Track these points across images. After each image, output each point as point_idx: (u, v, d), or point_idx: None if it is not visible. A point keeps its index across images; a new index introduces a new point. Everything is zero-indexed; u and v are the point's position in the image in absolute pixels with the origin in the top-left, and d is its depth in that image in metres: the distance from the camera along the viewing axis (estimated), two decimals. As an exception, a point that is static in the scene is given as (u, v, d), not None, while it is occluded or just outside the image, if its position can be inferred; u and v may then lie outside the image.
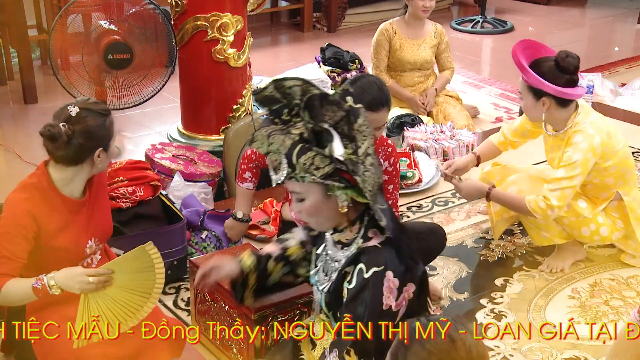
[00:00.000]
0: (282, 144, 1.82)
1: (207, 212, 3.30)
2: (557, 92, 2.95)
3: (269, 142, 1.83)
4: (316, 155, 1.81)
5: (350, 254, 1.96)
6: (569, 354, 2.73)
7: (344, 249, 2.00)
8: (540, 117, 3.06)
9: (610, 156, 3.07)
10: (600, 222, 3.15)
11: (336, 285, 1.98)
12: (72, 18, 3.19)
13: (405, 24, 4.62)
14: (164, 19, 3.37)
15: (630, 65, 6.11)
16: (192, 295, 2.77)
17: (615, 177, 3.12)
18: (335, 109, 1.81)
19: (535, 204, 2.99)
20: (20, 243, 2.17)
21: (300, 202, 1.92)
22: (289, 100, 1.85)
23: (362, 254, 1.93)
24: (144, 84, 3.37)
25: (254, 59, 4.45)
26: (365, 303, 1.88)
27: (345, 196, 1.88)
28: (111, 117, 2.27)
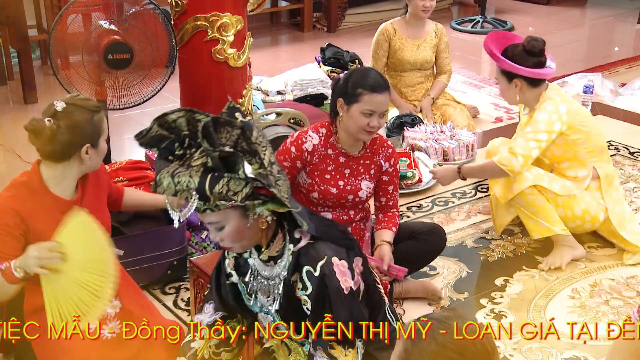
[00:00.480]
0: (189, 180, 1.73)
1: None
2: (526, 72, 3.20)
3: (175, 182, 1.74)
4: (230, 181, 1.75)
5: (288, 262, 1.93)
6: (569, 354, 2.73)
7: (277, 263, 1.95)
8: (515, 98, 3.30)
9: (577, 129, 3.23)
10: (587, 200, 3.30)
11: (287, 299, 1.95)
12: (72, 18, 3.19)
13: (405, 24, 4.62)
14: (164, 19, 3.37)
15: (630, 65, 6.11)
16: (192, 295, 2.77)
17: (588, 151, 3.28)
18: (230, 129, 1.74)
19: (502, 157, 3.17)
20: (6, 241, 2.18)
21: (220, 231, 1.85)
22: (177, 133, 1.78)
23: (300, 257, 1.91)
24: (144, 84, 3.36)
25: (254, 59, 4.45)
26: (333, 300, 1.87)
27: (267, 211, 1.83)
28: (101, 114, 2.26)
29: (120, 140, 4.51)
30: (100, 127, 2.27)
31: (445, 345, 1.43)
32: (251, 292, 2.03)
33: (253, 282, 2.01)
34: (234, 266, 2.06)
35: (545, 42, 3.24)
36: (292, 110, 4.00)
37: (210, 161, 1.75)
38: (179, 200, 1.79)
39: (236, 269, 2.06)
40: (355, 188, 2.82)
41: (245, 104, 3.99)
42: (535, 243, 3.44)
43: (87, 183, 2.35)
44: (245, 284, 2.04)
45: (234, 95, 3.93)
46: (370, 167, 2.84)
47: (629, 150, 4.46)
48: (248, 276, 2.02)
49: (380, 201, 2.92)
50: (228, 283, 2.08)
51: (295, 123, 3.91)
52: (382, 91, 2.69)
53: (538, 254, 3.37)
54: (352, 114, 2.70)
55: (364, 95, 2.68)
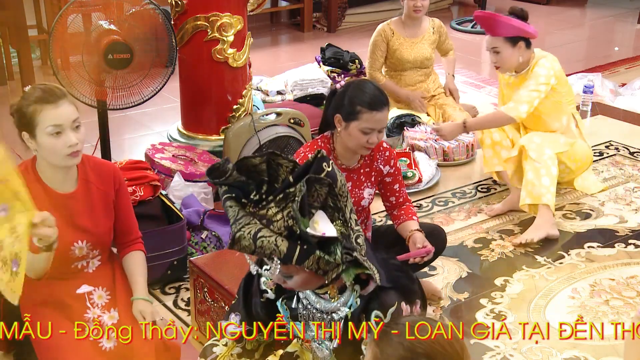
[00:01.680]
0: (274, 248, 1.63)
1: (207, 212, 3.30)
2: (532, 30, 3.56)
3: (257, 245, 1.63)
4: (320, 260, 1.66)
5: (352, 302, 1.85)
6: (569, 354, 2.73)
7: (333, 298, 1.87)
8: (518, 61, 3.61)
9: (564, 83, 3.72)
10: (580, 143, 3.76)
11: (346, 338, 1.87)
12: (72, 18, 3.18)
13: (402, 24, 4.62)
14: (164, 19, 3.36)
15: (630, 65, 6.11)
16: (192, 295, 2.77)
17: (567, 101, 3.74)
18: (319, 187, 1.65)
19: (508, 106, 3.58)
20: None
21: (288, 278, 1.76)
22: (255, 178, 1.68)
23: (370, 301, 1.83)
24: (144, 84, 3.36)
25: (254, 59, 4.45)
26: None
27: (349, 276, 1.75)
28: (37, 106, 2.15)
29: (120, 140, 4.51)
30: (33, 119, 2.17)
31: (413, 349, 1.43)
32: (299, 318, 1.94)
33: (302, 311, 1.93)
34: (273, 284, 1.96)
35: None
36: (292, 110, 4.00)
37: (298, 228, 1.63)
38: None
39: (277, 288, 1.96)
40: (359, 198, 2.81)
41: (245, 104, 3.99)
42: (535, 243, 3.45)
43: (89, 183, 2.32)
44: (290, 309, 1.96)
45: (234, 95, 3.93)
46: (370, 175, 2.83)
47: (629, 150, 4.46)
48: (295, 302, 1.94)
49: (390, 201, 2.90)
50: (262, 300, 1.99)
51: (295, 123, 3.91)
52: (381, 108, 2.63)
53: (538, 254, 3.38)
54: (351, 131, 2.64)
55: (363, 113, 2.61)
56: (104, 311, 2.31)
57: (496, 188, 4.00)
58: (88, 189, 2.31)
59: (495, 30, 3.59)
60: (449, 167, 4.22)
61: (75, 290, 2.31)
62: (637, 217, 3.69)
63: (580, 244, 3.46)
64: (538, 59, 3.63)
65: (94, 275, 2.35)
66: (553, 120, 3.74)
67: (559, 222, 3.64)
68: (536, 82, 3.58)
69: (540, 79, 3.57)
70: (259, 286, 2.00)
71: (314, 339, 1.96)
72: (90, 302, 2.31)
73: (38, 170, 2.25)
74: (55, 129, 2.17)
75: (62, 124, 2.17)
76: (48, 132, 2.17)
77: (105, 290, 2.34)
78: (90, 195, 2.32)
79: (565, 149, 3.64)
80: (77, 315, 2.28)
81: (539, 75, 3.58)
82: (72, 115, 2.20)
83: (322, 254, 1.66)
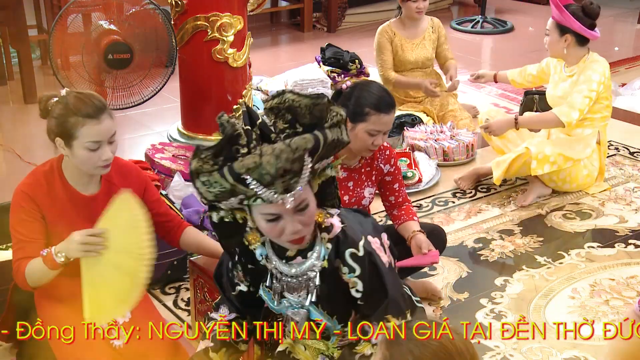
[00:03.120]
0: (302, 142, 1.61)
1: (207, 212, 3.30)
2: (581, 29, 3.64)
3: (284, 157, 1.59)
4: (331, 108, 1.70)
5: (323, 252, 1.88)
6: (569, 354, 2.73)
7: (307, 257, 1.89)
8: (562, 51, 3.74)
9: (608, 96, 3.78)
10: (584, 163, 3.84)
11: (329, 287, 1.92)
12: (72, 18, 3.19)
13: (402, 25, 4.61)
14: (164, 19, 3.37)
15: (630, 65, 6.11)
16: (192, 295, 2.77)
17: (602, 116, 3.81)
18: (278, 111, 1.70)
19: (562, 110, 3.68)
20: (30, 224, 2.19)
21: (304, 211, 1.74)
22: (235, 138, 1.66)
23: (339, 244, 1.88)
24: (144, 84, 3.37)
25: (254, 59, 4.45)
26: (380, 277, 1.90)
27: (334, 170, 1.81)
28: (78, 119, 2.15)
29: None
30: (73, 131, 2.15)
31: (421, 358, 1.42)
32: (275, 293, 1.97)
33: (276, 285, 1.95)
34: (243, 277, 2.00)
35: (600, 7, 3.71)
36: (292, 110, 3.99)
37: (298, 123, 1.68)
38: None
39: (252, 278, 1.99)
40: (359, 197, 2.81)
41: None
42: (535, 243, 3.45)
43: (112, 185, 2.32)
44: (268, 289, 1.98)
45: (234, 95, 3.93)
46: (371, 174, 2.83)
47: (629, 150, 4.46)
48: (269, 281, 1.96)
49: (390, 200, 2.90)
50: (234, 294, 2.02)
51: (295, 123, 3.90)
52: (389, 111, 2.64)
53: (538, 254, 3.38)
54: (357, 132, 2.64)
55: (371, 115, 2.61)
56: None
57: (496, 188, 4.00)
58: (110, 190, 2.30)
59: (553, 13, 3.70)
60: (449, 167, 4.22)
61: None
62: (637, 217, 3.70)
63: (580, 244, 3.46)
64: (591, 62, 3.71)
65: None
66: (578, 125, 3.78)
67: (559, 222, 3.65)
68: (589, 88, 3.64)
69: (593, 84, 3.65)
70: (231, 282, 2.01)
71: (291, 307, 1.96)
72: None
73: (64, 170, 2.26)
74: (95, 145, 2.17)
75: (102, 140, 2.17)
76: (86, 146, 2.16)
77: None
78: (111, 196, 2.33)
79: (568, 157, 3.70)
80: None
81: (592, 81, 3.65)
82: (111, 130, 2.20)
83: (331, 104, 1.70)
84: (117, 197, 2.15)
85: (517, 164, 3.75)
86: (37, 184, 2.23)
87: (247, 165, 1.60)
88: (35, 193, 2.21)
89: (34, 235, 2.20)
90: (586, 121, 3.80)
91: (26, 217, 2.20)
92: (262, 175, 1.60)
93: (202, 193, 1.69)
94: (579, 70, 3.74)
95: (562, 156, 3.70)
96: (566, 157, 3.71)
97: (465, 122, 4.57)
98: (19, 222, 2.21)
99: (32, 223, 2.20)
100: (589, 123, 3.81)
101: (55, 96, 2.20)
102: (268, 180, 1.61)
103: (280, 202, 1.67)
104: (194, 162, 1.65)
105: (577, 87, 3.68)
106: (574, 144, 3.80)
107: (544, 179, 3.84)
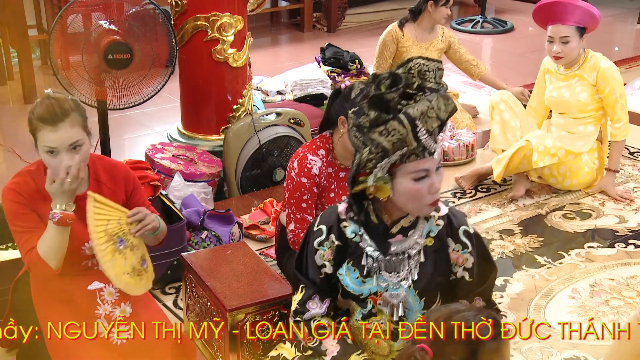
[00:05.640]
0: (446, 94, 1.82)
1: (207, 212, 3.30)
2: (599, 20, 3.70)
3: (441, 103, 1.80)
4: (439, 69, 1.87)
5: (426, 230, 1.97)
6: (569, 354, 2.73)
7: (408, 235, 1.96)
8: (578, 53, 3.73)
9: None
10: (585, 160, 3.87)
11: (429, 264, 1.97)
12: (72, 18, 3.18)
13: (415, 28, 4.58)
14: (164, 19, 3.36)
15: (630, 65, 6.11)
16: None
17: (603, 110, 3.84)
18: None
19: (620, 130, 3.75)
20: (27, 215, 2.20)
21: (439, 170, 1.89)
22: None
23: (451, 221, 1.98)
24: (144, 84, 3.36)
25: (254, 59, 4.45)
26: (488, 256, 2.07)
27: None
28: (38, 124, 2.15)
29: (120, 140, 4.51)
30: (34, 134, 2.17)
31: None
32: (371, 272, 1.98)
33: (372, 264, 1.97)
34: (331, 256, 2.00)
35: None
36: (292, 110, 4.00)
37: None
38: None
39: (336, 257, 2.00)
40: None
41: (245, 104, 3.99)
42: (535, 243, 3.45)
43: (101, 184, 2.32)
44: (354, 267, 1.99)
45: (234, 95, 3.93)
46: None
47: (629, 150, 4.46)
48: (364, 259, 1.97)
49: None
50: (321, 277, 2.02)
51: (295, 123, 3.91)
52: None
53: (538, 254, 3.38)
54: None
55: None
56: (115, 307, 2.33)
57: (496, 188, 4.00)
58: (99, 189, 2.30)
59: (570, 17, 3.62)
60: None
61: (86, 287, 2.32)
62: (637, 217, 3.70)
63: (580, 244, 3.46)
64: (598, 59, 3.76)
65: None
66: (583, 116, 3.82)
67: (559, 222, 3.65)
68: (624, 101, 3.74)
69: (622, 88, 3.74)
70: (316, 263, 2.01)
71: (386, 289, 1.98)
72: (100, 299, 2.32)
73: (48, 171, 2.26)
74: (50, 150, 2.17)
75: (56, 147, 2.16)
76: (44, 150, 2.18)
77: (114, 287, 2.35)
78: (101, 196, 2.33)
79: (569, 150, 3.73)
80: (88, 311, 2.30)
81: (619, 83, 3.74)
82: (70, 139, 2.16)
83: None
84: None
85: (518, 158, 3.73)
86: (25, 182, 2.24)
87: (422, 109, 1.76)
88: (24, 190, 2.22)
89: (34, 225, 2.21)
90: (589, 118, 3.83)
91: (21, 210, 2.21)
92: (430, 120, 1.77)
93: (380, 144, 1.79)
94: (588, 70, 3.77)
95: (563, 149, 3.72)
96: (567, 150, 3.73)
97: (466, 122, 4.57)
98: (16, 216, 2.21)
99: (28, 214, 2.21)
100: (592, 120, 3.84)
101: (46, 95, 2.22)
102: (433, 127, 1.79)
103: (432, 156, 1.83)
104: (372, 113, 1.79)
105: (610, 100, 3.73)
106: (575, 140, 3.83)
107: (544, 174, 3.86)
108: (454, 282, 2.02)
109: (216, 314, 2.48)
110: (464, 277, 2.01)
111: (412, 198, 1.87)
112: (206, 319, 2.56)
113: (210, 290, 2.47)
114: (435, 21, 4.57)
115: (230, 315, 2.37)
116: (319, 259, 2.01)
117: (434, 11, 4.52)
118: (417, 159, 1.82)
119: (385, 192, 1.87)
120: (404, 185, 1.86)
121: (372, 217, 1.95)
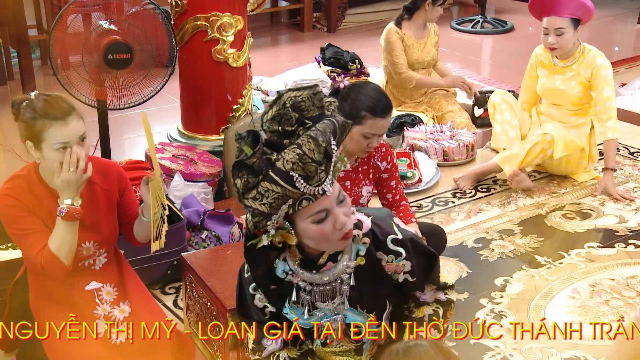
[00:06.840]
0: (322, 125, 1.62)
1: (207, 212, 3.30)
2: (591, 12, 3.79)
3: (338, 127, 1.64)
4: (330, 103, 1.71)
5: (354, 252, 1.85)
6: (569, 354, 2.73)
7: (338, 260, 1.84)
8: (572, 44, 3.82)
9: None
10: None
11: (366, 283, 1.87)
12: (72, 18, 3.18)
13: (411, 26, 4.60)
14: (164, 19, 3.36)
15: (630, 65, 6.11)
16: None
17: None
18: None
19: (610, 128, 3.79)
20: (27, 217, 2.18)
21: (344, 202, 1.72)
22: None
23: (375, 236, 1.85)
24: (144, 84, 3.36)
25: (254, 59, 4.45)
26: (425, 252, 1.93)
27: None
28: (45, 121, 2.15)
29: (120, 140, 4.51)
30: (41, 134, 2.16)
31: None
32: (304, 306, 1.90)
33: (306, 297, 1.89)
34: (266, 300, 1.92)
35: None
36: (292, 110, 3.99)
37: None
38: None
39: (275, 300, 1.92)
40: (357, 196, 2.81)
41: (245, 104, 3.99)
42: (535, 243, 3.45)
43: (94, 184, 2.32)
44: (296, 304, 1.90)
45: (234, 95, 3.93)
46: (368, 172, 2.83)
47: (629, 150, 4.46)
48: (295, 296, 1.88)
49: (387, 198, 2.89)
50: (267, 318, 1.94)
51: (295, 123, 3.90)
52: (385, 115, 2.62)
53: (538, 254, 3.38)
54: (353, 134, 2.61)
55: (367, 119, 2.59)
56: (114, 307, 2.33)
57: (496, 188, 4.01)
58: (92, 190, 2.30)
59: (564, 9, 3.72)
60: (449, 167, 4.22)
61: (84, 287, 2.32)
62: (637, 217, 3.70)
63: (580, 244, 3.46)
64: (595, 55, 3.84)
65: (101, 272, 2.36)
66: (577, 108, 3.93)
67: (559, 222, 3.65)
68: (613, 92, 3.81)
69: (612, 82, 3.81)
70: (257, 306, 1.93)
71: (327, 317, 1.91)
72: (99, 299, 2.32)
73: (42, 174, 2.25)
74: (63, 145, 2.16)
75: (69, 141, 2.16)
76: (55, 147, 2.15)
77: (112, 287, 2.36)
78: (94, 196, 2.32)
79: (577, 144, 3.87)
80: (87, 311, 2.30)
81: (612, 82, 3.81)
82: (79, 132, 2.18)
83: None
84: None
85: (534, 152, 3.86)
86: (18, 187, 2.22)
87: (292, 160, 1.59)
88: (18, 194, 2.20)
89: (38, 226, 2.18)
90: (581, 110, 3.96)
91: (20, 213, 2.18)
92: (306, 166, 1.59)
93: (256, 209, 1.63)
94: (584, 66, 3.85)
95: (573, 142, 3.86)
96: (575, 144, 3.88)
97: (466, 122, 4.57)
98: (15, 220, 2.19)
99: (28, 217, 2.19)
100: (583, 112, 3.97)
101: (26, 100, 2.19)
102: (312, 171, 1.60)
103: (325, 195, 1.65)
104: (239, 182, 1.62)
105: (601, 95, 3.80)
106: (574, 133, 3.94)
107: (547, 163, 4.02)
108: (399, 284, 1.94)
109: (216, 314, 2.48)
110: (407, 279, 1.91)
111: (319, 240, 1.74)
112: (206, 319, 2.57)
113: (210, 290, 2.47)
114: (429, 20, 4.62)
115: (230, 315, 2.37)
116: (258, 302, 1.93)
117: (431, 10, 4.54)
118: (309, 202, 1.64)
119: (290, 240, 1.74)
120: (306, 230, 1.70)
121: (295, 257, 1.84)
